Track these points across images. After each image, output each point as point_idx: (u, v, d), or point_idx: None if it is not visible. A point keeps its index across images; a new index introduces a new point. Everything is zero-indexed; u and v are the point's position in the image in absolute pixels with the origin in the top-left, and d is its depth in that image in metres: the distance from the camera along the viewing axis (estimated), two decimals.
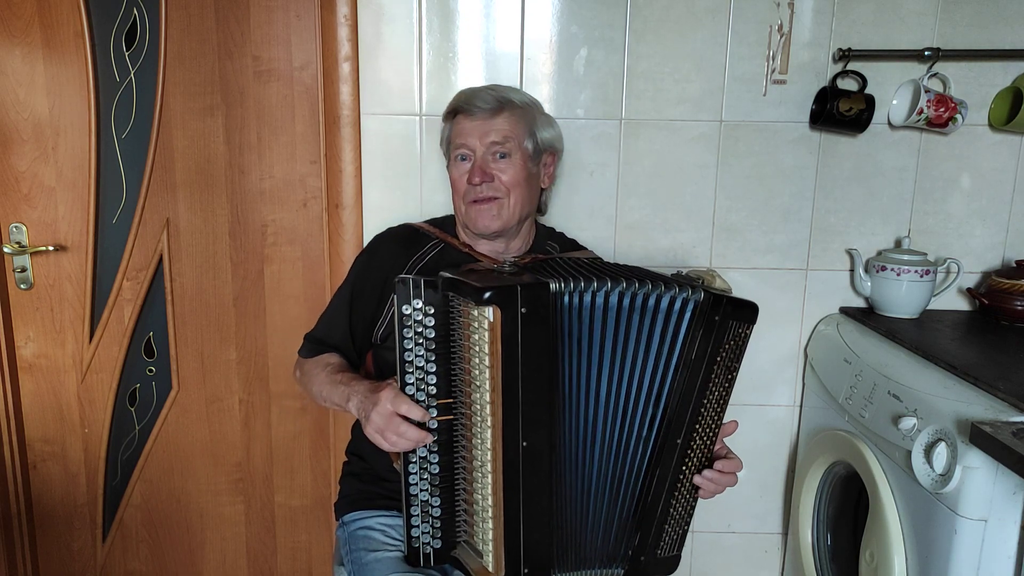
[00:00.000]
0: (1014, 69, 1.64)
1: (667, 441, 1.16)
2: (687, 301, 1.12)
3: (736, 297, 1.16)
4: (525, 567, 1.13)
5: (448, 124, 1.41)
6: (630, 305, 1.10)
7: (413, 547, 1.17)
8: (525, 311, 1.04)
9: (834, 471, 1.62)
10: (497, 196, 1.34)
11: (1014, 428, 1.10)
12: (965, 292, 1.75)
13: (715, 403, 1.18)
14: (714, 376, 1.16)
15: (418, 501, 1.15)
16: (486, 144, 1.34)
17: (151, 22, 1.71)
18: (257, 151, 1.77)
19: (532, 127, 1.38)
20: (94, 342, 1.84)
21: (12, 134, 1.74)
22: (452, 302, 1.09)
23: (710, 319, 1.12)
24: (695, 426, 1.17)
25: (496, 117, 1.34)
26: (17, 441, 1.85)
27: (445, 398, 1.11)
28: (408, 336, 1.09)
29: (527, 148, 1.37)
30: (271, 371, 1.86)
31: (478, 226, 1.36)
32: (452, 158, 1.38)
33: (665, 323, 1.12)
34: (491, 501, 1.11)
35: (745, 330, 1.15)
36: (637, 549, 1.21)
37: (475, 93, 1.38)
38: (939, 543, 1.23)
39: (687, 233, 1.74)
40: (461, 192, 1.37)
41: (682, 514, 1.24)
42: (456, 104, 1.38)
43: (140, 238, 1.79)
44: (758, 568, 1.92)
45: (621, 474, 1.18)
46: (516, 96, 1.39)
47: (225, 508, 1.94)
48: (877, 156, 1.70)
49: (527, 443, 1.08)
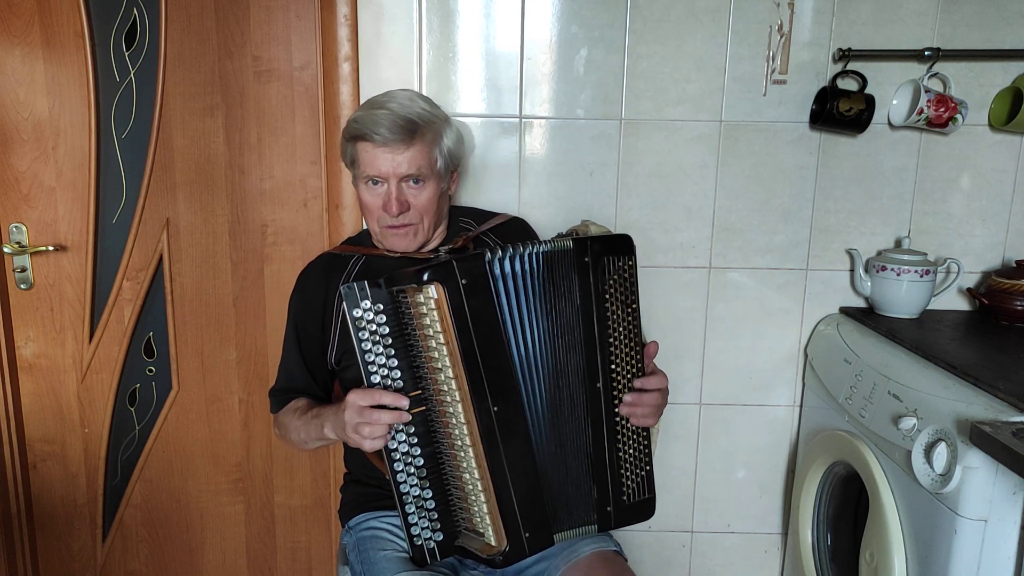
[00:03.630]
0: (1014, 69, 1.64)
1: (590, 387, 1.20)
2: (563, 251, 1.17)
3: (603, 235, 1.23)
4: (526, 532, 1.17)
5: (351, 145, 1.34)
6: (535, 265, 1.16)
7: (416, 545, 1.17)
8: (465, 282, 1.10)
9: (834, 471, 1.62)
10: (412, 223, 1.36)
11: (1014, 428, 1.10)
12: (965, 292, 1.75)
13: (624, 339, 1.21)
14: (609, 314, 1.19)
15: (411, 498, 1.16)
16: (399, 174, 1.31)
17: (151, 22, 1.71)
18: (257, 151, 1.77)
19: (440, 145, 1.35)
20: (94, 342, 1.84)
21: (12, 134, 1.74)
22: (398, 296, 1.12)
23: (580, 262, 1.17)
24: (610, 366, 1.21)
25: (408, 148, 1.30)
26: (17, 441, 1.85)
27: (413, 391, 1.14)
28: (364, 338, 1.11)
29: (439, 170, 1.36)
30: (271, 371, 1.86)
31: (396, 248, 1.39)
32: (361, 181, 1.35)
33: (560, 276, 1.17)
34: (478, 475, 1.15)
35: (625, 263, 1.20)
36: (599, 500, 1.23)
37: (378, 119, 1.29)
38: (939, 543, 1.23)
39: (687, 233, 1.74)
40: (375, 216, 1.36)
41: (636, 455, 1.25)
42: (359, 129, 1.31)
43: (140, 238, 1.79)
44: (758, 568, 1.92)
45: (570, 429, 1.20)
46: (418, 113, 1.32)
47: (225, 508, 1.94)
48: (877, 156, 1.70)
49: (497, 408, 1.14)
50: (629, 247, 1.21)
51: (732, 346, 1.79)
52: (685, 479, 1.87)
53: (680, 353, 1.79)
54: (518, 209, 1.71)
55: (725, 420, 1.83)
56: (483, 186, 1.71)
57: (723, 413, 1.83)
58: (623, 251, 1.20)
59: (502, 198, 1.71)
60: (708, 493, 1.88)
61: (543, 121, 1.68)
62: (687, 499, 1.88)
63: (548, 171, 1.70)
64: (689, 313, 1.78)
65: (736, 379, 1.81)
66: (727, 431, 1.84)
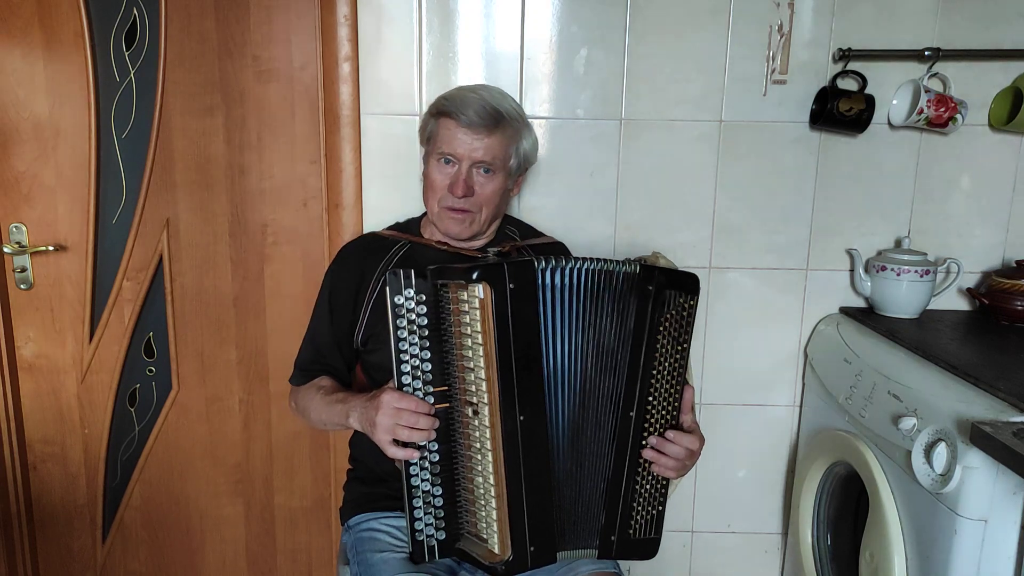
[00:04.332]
0: (1014, 69, 1.64)
1: (623, 413, 1.18)
2: (627, 275, 1.16)
3: (672, 269, 1.20)
4: (531, 545, 1.15)
5: (434, 121, 1.38)
6: (586, 282, 1.14)
7: (417, 540, 1.16)
8: (513, 287, 1.09)
9: (834, 471, 1.62)
10: (471, 210, 1.36)
11: (1014, 428, 1.10)
12: (965, 292, 1.75)
13: (667, 375, 1.19)
14: (659, 347, 1.17)
15: (420, 492, 1.15)
16: (473, 159, 1.33)
17: (151, 22, 1.71)
18: (257, 151, 1.77)
19: (518, 144, 1.38)
20: (94, 342, 1.84)
21: (12, 134, 1.74)
22: (441, 290, 1.12)
23: (643, 289, 1.15)
24: (647, 398, 1.18)
25: (490, 136, 1.33)
26: (17, 441, 1.85)
27: (440, 386, 1.13)
28: (402, 326, 1.11)
29: (511, 167, 1.38)
30: (271, 371, 1.86)
31: (450, 231, 1.39)
32: (434, 157, 1.37)
33: (611, 297, 1.16)
34: (492, 481, 1.13)
35: (687, 301, 1.18)
36: (605, 528, 1.22)
37: (468, 100, 1.33)
38: (939, 543, 1.23)
39: (687, 233, 1.74)
40: (439, 194, 1.37)
41: (651, 492, 1.23)
42: (447, 107, 1.35)
43: (140, 238, 1.79)
44: (758, 568, 1.92)
45: (591, 451, 1.19)
46: (506, 108, 1.36)
47: (225, 509, 1.94)
48: (877, 156, 1.70)
49: (523, 417, 1.12)
50: (695, 287, 1.18)
51: (732, 346, 1.79)
52: (685, 479, 1.86)
53: None
54: (518, 209, 1.71)
55: (725, 420, 1.83)
56: None
57: (723, 413, 1.83)
58: (688, 290, 1.18)
59: None
60: (708, 493, 1.88)
61: (543, 121, 1.68)
62: (687, 499, 1.88)
63: (548, 171, 1.70)
64: None
65: (736, 379, 1.81)
66: (727, 431, 1.83)
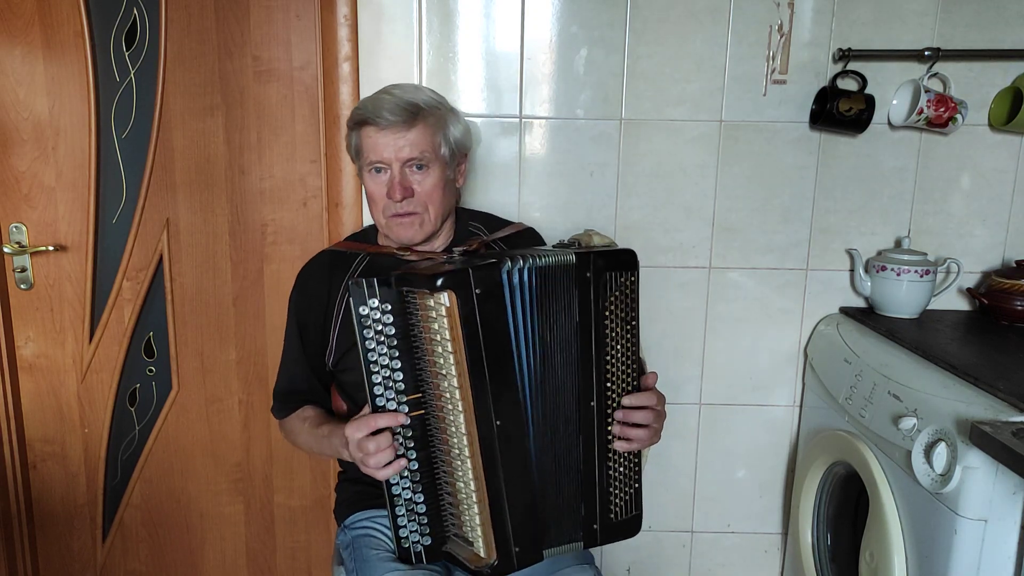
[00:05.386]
0: (1014, 69, 1.64)
1: (583, 405, 1.17)
2: (564, 266, 1.13)
3: (607, 249, 1.18)
4: (516, 546, 1.15)
5: (355, 133, 1.35)
6: (538, 278, 1.12)
7: (403, 547, 1.17)
8: (479, 291, 1.06)
9: (834, 471, 1.62)
10: (416, 211, 1.34)
11: (1014, 428, 1.10)
12: (965, 292, 1.75)
13: (621, 357, 1.18)
14: (608, 331, 1.16)
15: (402, 500, 1.15)
16: (402, 159, 1.30)
17: (151, 22, 1.71)
18: (257, 151, 1.77)
19: (445, 131, 1.35)
20: (94, 342, 1.84)
21: (12, 134, 1.74)
22: (408, 297, 1.09)
23: (582, 277, 1.13)
24: (605, 384, 1.17)
25: (410, 130, 1.29)
26: (17, 441, 1.85)
27: (413, 394, 1.12)
28: (369, 336, 1.09)
29: (444, 156, 1.35)
30: (271, 371, 1.86)
31: (401, 239, 1.36)
32: (365, 169, 1.35)
33: (561, 290, 1.14)
34: (473, 486, 1.13)
35: (627, 279, 1.16)
36: (587, 518, 1.21)
37: (381, 102, 1.30)
38: (939, 543, 1.23)
39: (687, 233, 1.74)
40: (380, 205, 1.35)
41: (626, 472, 1.23)
42: (363, 114, 1.31)
43: (140, 238, 1.79)
44: (758, 568, 1.92)
45: (564, 446, 1.18)
46: (422, 99, 1.33)
47: (225, 508, 1.94)
48: (877, 156, 1.70)
49: (500, 422, 1.11)
50: (633, 262, 1.17)
51: (732, 346, 1.79)
52: (685, 479, 1.87)
53: (680, 353, 1.79)
54: (518, 209, 1.71)
55: (725, 420, 1.83)
56: (483, 186, 1.71)
57: (723, 413, 1.83)
58: (626, 267, 1.16)
59: (502, 198, 1.71)
60: (708, 493, 1.88)
61: (543, 121, 1.68)
62: (687, 499, 1.88)
63: (548, 171, 1.70)
64: (689, 313, 1.77)
65: (736, 379, 1.81)
66: (727, 431, 1.84)
